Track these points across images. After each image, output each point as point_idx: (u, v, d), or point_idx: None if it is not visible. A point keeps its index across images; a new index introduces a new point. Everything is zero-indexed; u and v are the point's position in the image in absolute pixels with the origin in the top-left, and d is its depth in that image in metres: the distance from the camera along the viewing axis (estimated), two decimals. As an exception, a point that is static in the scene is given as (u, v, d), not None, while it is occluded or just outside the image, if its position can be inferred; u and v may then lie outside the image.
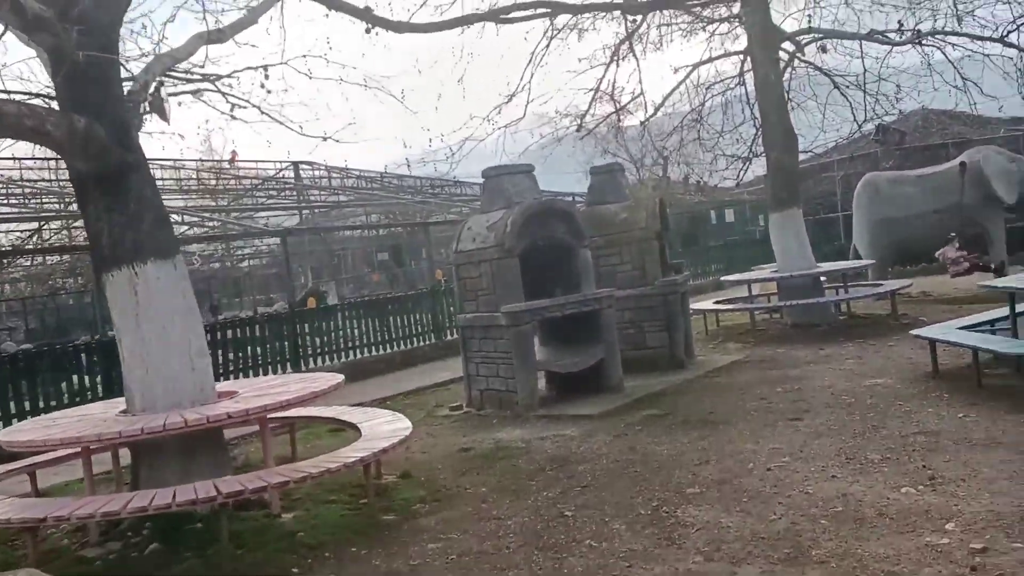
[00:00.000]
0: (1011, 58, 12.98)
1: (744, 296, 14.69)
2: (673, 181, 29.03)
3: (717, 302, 14.37)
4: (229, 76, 9.22)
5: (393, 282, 32.89)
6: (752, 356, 10.70)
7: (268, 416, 5.65)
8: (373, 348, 14.17)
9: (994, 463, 5.14)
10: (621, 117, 16.21)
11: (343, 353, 13.75)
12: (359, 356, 13.92)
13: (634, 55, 14.87)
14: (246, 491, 4.69)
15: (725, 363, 10.30)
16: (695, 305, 13.65)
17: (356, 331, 14.07)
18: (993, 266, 14.06)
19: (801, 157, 15.38)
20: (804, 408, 7.32)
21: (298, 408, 6.25)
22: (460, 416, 8.94)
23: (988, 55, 13.20)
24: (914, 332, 8.71)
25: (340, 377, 6.24)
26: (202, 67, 7.58)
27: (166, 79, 8.18)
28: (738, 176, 17.85)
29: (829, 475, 5.33)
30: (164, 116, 6.45)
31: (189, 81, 8.35)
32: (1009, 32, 12.72)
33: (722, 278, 17.04)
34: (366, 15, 7.08)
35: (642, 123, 16.39)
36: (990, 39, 13.00)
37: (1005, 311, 8.04)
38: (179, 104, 9.97)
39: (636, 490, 5.51)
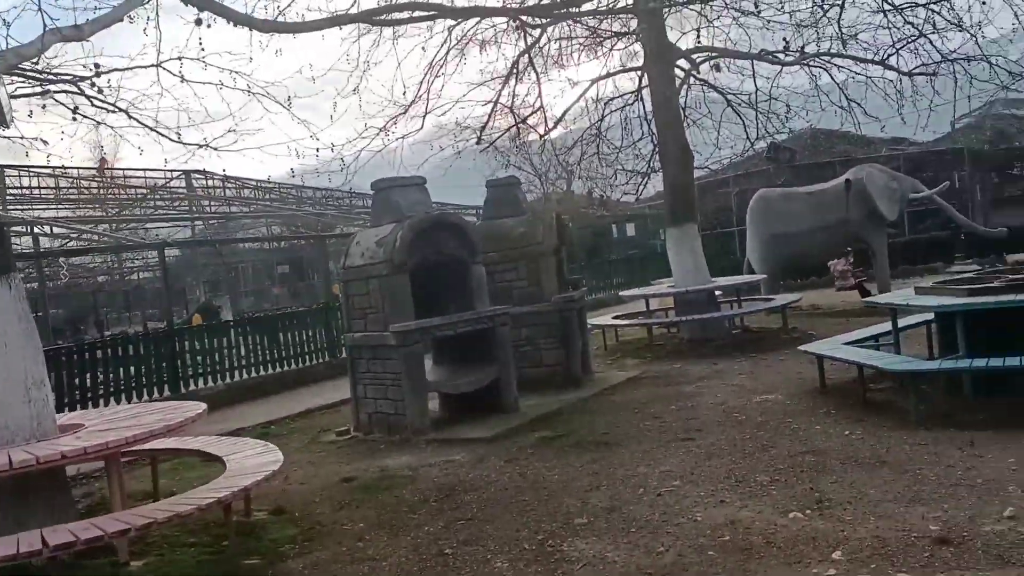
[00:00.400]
0: (892, 80, 13.50)
1: (643, 311, 14.74)
2: (577, 195, 29.22)
3: (616, 317, 14.34)
4: (95, 77, 8.52)
5: (295, 296, 31.79)
6: (648, 372, 10.65)
7: (117, 452, 5.07)
8: (263, 367, 13.46)
9: (879, 484, 5.11)
10: (522, 131, 16.04)
11: (230, 373, 13.00)
12: (247, 376, 13.20)
13: (534, 69, 14.72)
14: (78, 542, 4.13)
15: (622, 380, 10.19)
16: (594, 320, 13.58)
17: (244, 349, 13.34)
18: (872, 295, 14.47)
19: (697, 173, 15.59)
20: (696, 427, 7.23)
21: (156, 441, 5.66)
22: (347, 441, 8.46)
23: (871, 77, 13.72)
24: (802, 348, 8.81)
25: (202, 406, 5.69)
26: (37, 64, 6.86)
27: (14, 79, 7.45)
28: (638, 191, 17.98)
29: (719, 500, 5.19)
30: (2, 118, 5.76)
31: (42, 81, 7.62)
32: (889, 56, 13.22)
33: (621, 293, 17.08)
34: (229, 12, 6.56)
35: (541, 136, 16.26)
36: (872, 62, 13.50)
37: (889, 326, 8.23)
38: (43, 107, 9.18)
39: (523, 521, 5.22)
